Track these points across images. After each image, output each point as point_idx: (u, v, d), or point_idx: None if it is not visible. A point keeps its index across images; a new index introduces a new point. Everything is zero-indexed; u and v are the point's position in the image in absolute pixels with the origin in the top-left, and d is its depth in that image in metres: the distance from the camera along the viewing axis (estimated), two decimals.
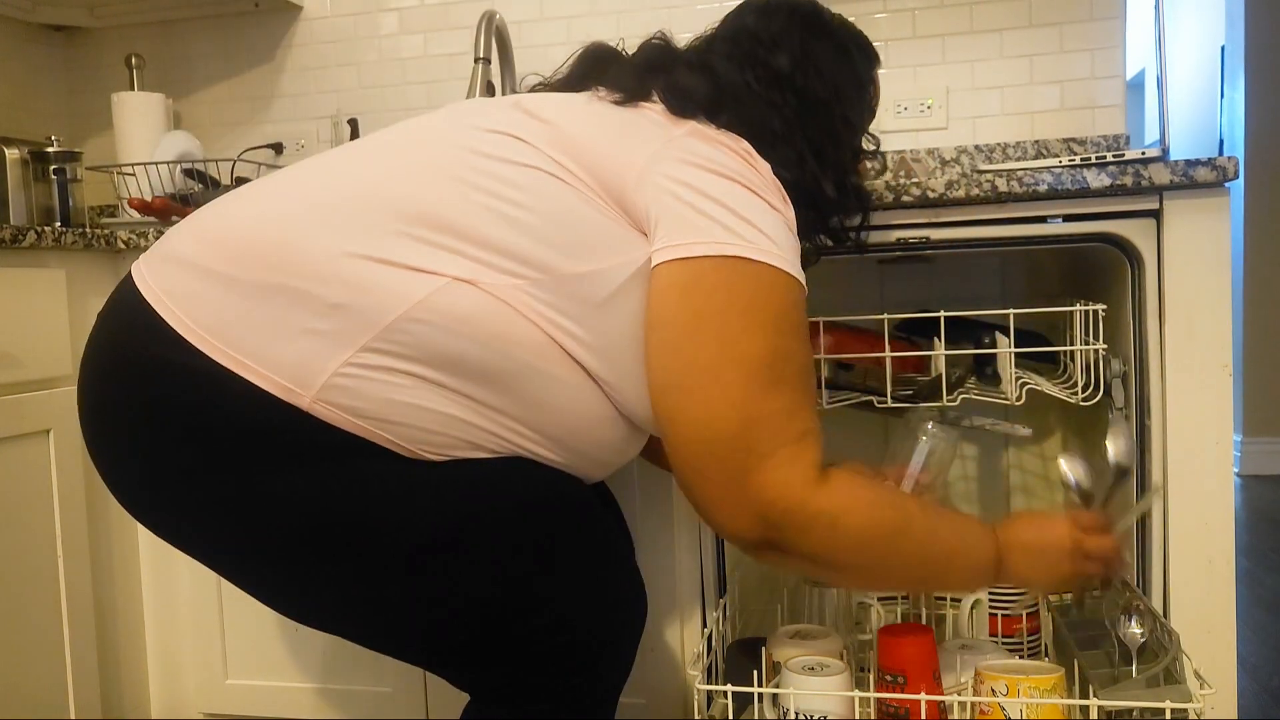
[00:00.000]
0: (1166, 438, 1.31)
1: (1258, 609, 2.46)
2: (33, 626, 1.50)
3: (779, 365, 0.92)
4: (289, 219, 0.92)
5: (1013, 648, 1.38)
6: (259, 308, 0.89)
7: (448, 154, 0.95)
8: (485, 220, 0.91)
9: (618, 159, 0.96)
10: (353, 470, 0.90)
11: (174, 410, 0.91)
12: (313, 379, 0.88)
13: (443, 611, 0.96)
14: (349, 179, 0.95)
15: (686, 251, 0.92)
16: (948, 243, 1.37)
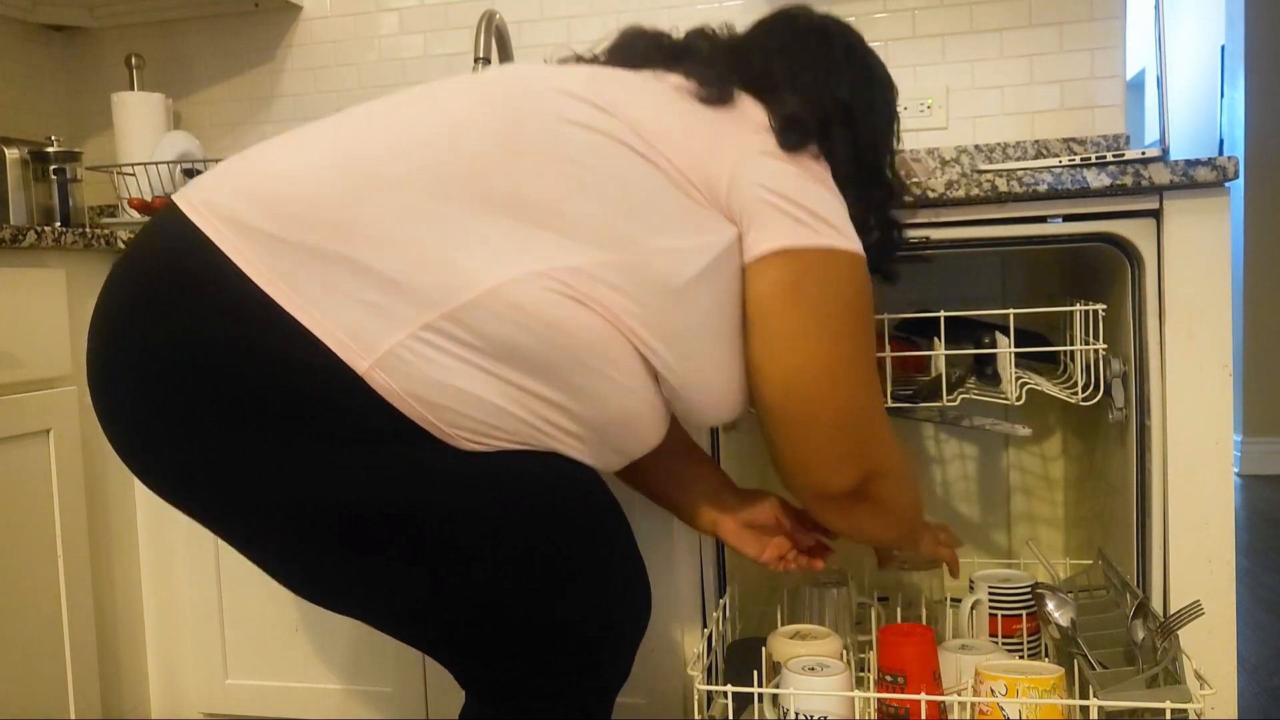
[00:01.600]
0: (1166, 438, 1.31)
1: (1258, 609, 2.46)
2: (33, 626, 1.50)
3: (873, 351, 1.06)
4: (349, 179, 0.88)
5: (1013, 648, 1.38)
6: (318, 268, 0.85)
7: (528, 117, 0.92)
8: (568, 192, 0.89)
9: (707, 154, 0.95)
10: (391, 455, 0.88)
11: (214, 346, 0.85)
12: (375, 344, 0.85)
13: (465, 602, 0.95)
14: (416, 140, 0.92)
15: (792, 242, 0.95)
16: (948, 243, 1.37)
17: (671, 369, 0.95)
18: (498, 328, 0.87)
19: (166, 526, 1.69)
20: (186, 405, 0.87)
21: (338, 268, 0.86)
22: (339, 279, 0.85)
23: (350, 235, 0.86)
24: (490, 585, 0.94)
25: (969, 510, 1.86)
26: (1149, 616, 1.20)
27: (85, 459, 1.60)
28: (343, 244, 0.86)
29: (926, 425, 1.86)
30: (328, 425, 0.87)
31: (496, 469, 0.92)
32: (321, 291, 0.85)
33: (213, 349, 0.86)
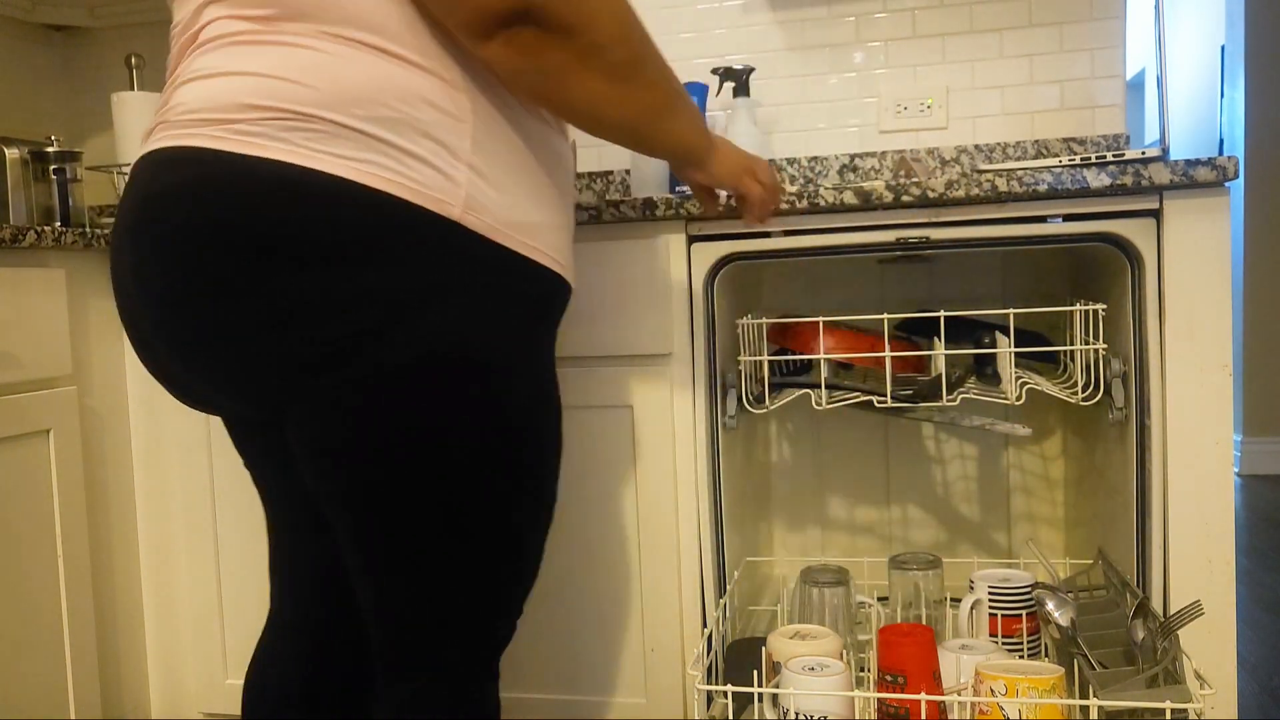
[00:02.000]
0: (1166, 438, 1.31)
1: (1258, 609, 2.46)
2: (33, 626, 1.50)
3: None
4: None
5: (1013, 648, 1.38)
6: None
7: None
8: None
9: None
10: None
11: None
12: (446, 189, 0.88)
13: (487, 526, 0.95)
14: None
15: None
16: (948, 243, 1.37)
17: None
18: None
19: (167, 526, 1.69)
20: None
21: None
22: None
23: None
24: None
25: (969, 510, 1.86)
26: (1149, 616, 1.20)
27: (85, 459, 1.60)
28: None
29: (926, 425, 1.86)
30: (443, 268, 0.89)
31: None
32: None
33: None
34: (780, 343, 1.51)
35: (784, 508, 1.93)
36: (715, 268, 1.44)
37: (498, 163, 0.92)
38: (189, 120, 0.90)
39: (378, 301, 0.86)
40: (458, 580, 0.96)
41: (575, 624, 1.53)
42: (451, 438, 0.91)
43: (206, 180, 0.87)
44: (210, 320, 0.88)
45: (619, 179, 2.07)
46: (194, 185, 0.87)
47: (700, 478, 1.46)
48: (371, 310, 0.86)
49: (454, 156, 0.89)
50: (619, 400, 1.48)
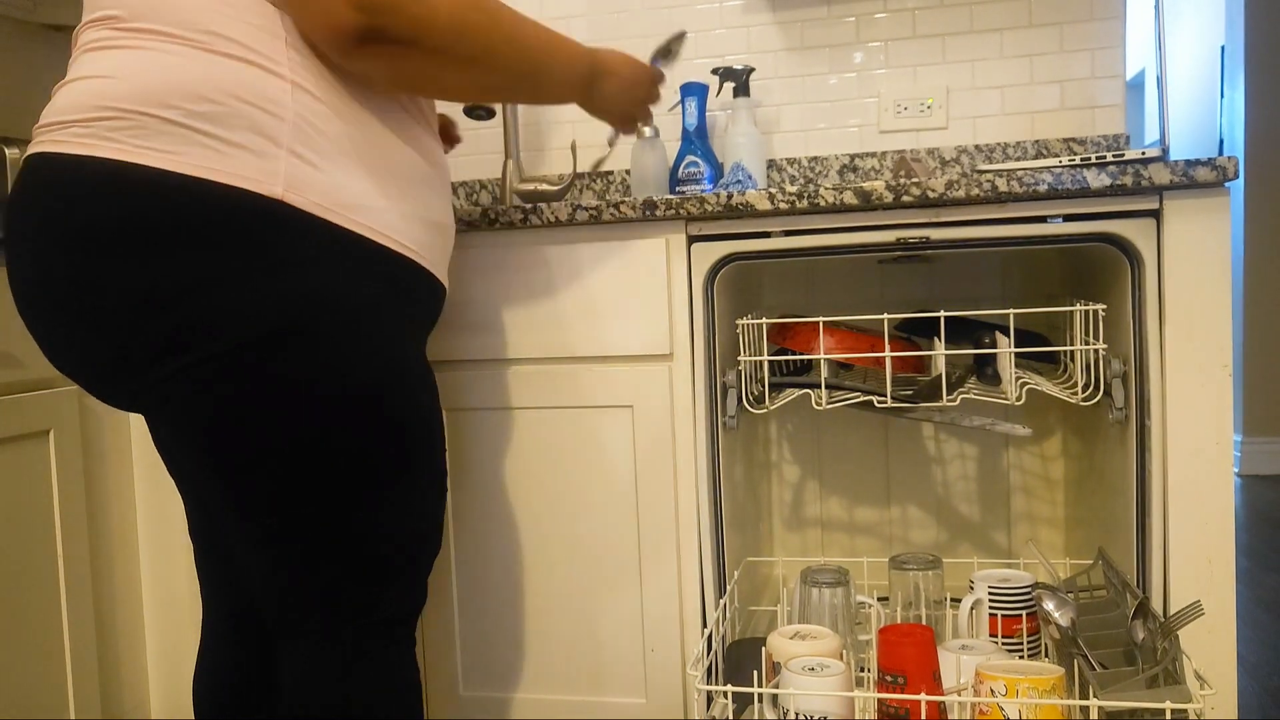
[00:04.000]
0: (1166, 438, 1.31)
1: (1258, 609, 2.46)
2: (33, 626, 1.50)
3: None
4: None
5: (1012, 648, 1.38)
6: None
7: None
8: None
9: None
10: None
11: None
12: (266, 174, 0.94)
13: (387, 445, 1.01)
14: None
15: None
16: (948, 243, 1.37)
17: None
18: None
19: (167, 526, 1.69)
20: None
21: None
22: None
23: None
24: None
25: (969, 510, 1.86)
26: (1149, 616, 1.20)
27: (85, 459, 1.60)
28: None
29: (926, 425, 1.86)
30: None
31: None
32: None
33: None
34: (780, 343, 1.51)
35: (784, 508, 1.93)
36: (715, 268, 1.44)
37: (325, 148, 0.97)
38: (46, 126, 0.98)
39: (207, 285, 0.91)
40: (326, 546, 1.00)
41: (575, 624, 1.53)
42: (296, 409, 0.95)
43: (46, 184, 0.95)
44: (61, 315, 0.95)
45: (619, 179, 2.07)
46: (37, 189, 0.95)
47: (700, 478, 1.47)
48: (202, 294, 0.91)
49: (274, 144, 0.94)
50: (619, 400, 1.48)
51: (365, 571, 1.01)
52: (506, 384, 1.51)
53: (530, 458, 1.52)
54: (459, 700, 1.55)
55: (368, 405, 0.99)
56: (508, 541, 1.54)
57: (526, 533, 1.53)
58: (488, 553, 1.55)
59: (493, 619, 1.55)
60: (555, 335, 1.49)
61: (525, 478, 1.52)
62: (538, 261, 1.48)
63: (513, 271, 1.49)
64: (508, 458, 1.53)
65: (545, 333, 1.49)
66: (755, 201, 1.38)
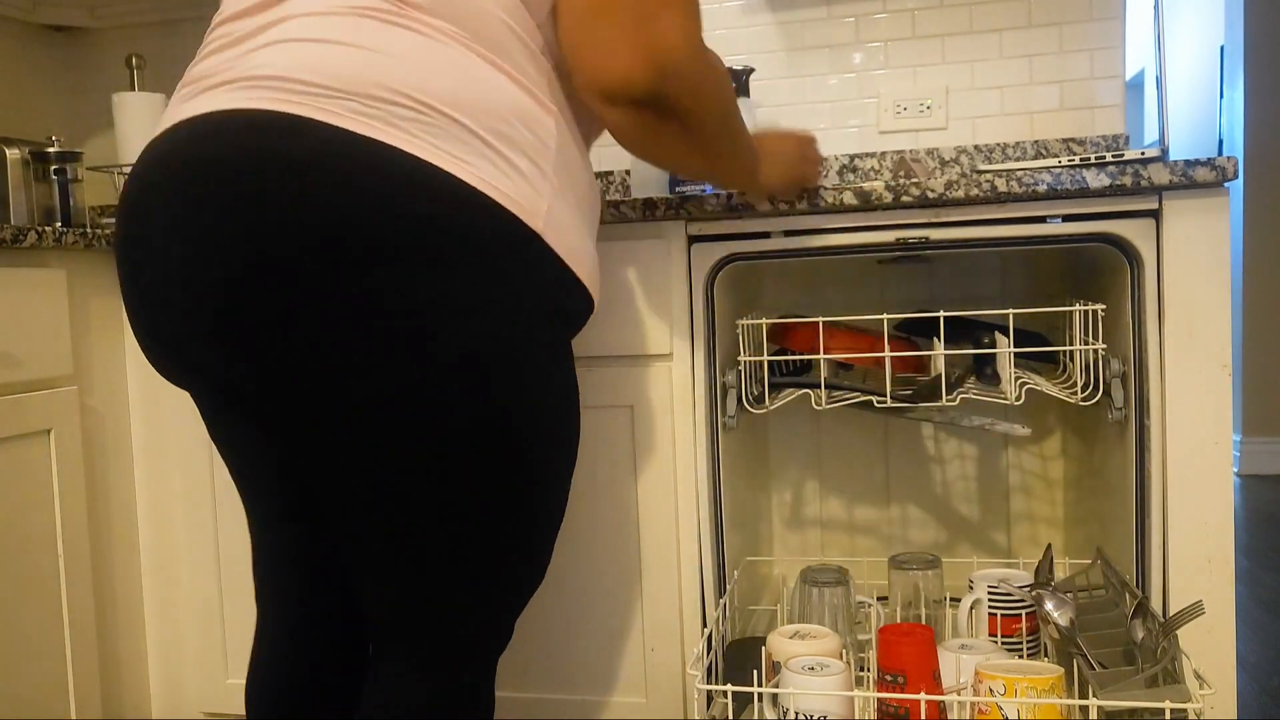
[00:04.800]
0: (1166, 438, 1.31)
1: (1258, 609, 2.46)
2: (33, 626, 1.50)
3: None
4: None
5: (1012, 648, 1.38)
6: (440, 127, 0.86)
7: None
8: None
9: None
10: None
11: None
12: (536, 205, 0.89)
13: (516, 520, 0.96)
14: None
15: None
16: (948, 243, 1.38)
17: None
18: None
19: (167, 526, 1.70)
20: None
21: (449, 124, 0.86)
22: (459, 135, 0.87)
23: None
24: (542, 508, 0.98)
25: (969, 510, 1.86)
26: (1148, 616, 1.20)
27: (85, 459, 1.60)
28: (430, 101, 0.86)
29: (926, 425, 1.86)
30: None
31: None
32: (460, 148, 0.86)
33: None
34: (780, 343, 1.52)
35: (784, 508, 1.93)
36: (715, 268, 1.44)
37: (568, 189, 0.94)
38: (281, 86, 0.85)
39: (442, 303, 0.84)
40: (472, 577, 0.96)
41: (575, 623, 1.53)
42: (486, 437, 0.90)
43: (314, 154, 0.82)
44: (281, 302, 0.82)
45: (619, 179, 2.07)
46: (302, 157, 0.82)
47: (700, 478, 1.47)
48: (430, 312, 0.84)
49: (542, 176, 0.91)
50: (619, 400, 1.48)
51: (500, 609, 0.99)
52: None
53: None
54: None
55: (546, 441, 0.95)
56: None
57: None
58: None
59: None
60: None
61: None
62: None
63: None
64: None
65: None
66: (755, 202, 1.38)
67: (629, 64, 0.92)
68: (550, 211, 0.91)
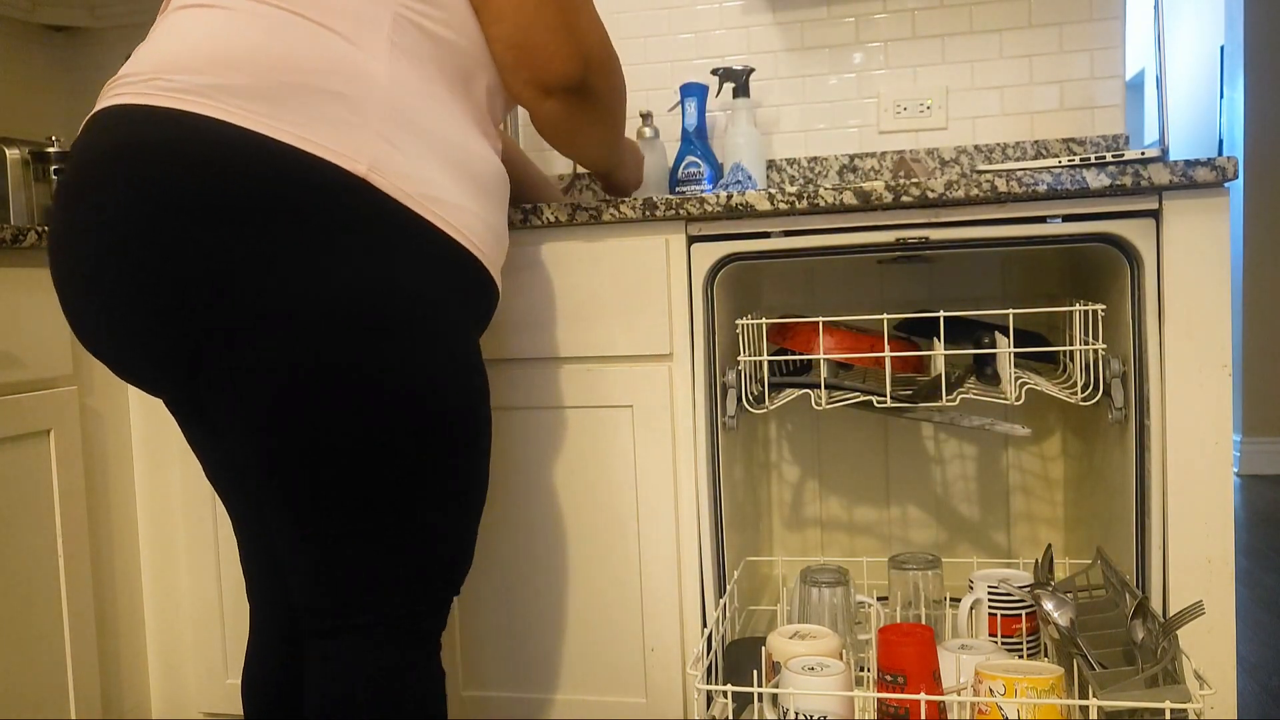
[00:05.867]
0: (1166, 438, 1.31)
1: (1258, 609, 2.46)
2: (33, 626, 1.50)
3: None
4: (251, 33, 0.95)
5: (1012, 648, 1.38)
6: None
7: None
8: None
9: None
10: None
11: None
12: (357, 151, 0.95)
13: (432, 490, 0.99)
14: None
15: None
16: (948, 243, 1.38)
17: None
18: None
19: (167, 526, 1.70)
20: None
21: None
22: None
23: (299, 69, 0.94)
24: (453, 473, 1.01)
25: (969, 510, 1.86)
26: (1148, 616, 1.20)
27: (85, 459, 1.60)
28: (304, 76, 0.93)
29: (926, 425, 1.86)
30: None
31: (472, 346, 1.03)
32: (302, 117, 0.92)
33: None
34: (780, 343, 1.52)
35: (784, 508, 1.93)
36: (715, 268, 1.44)
37: (409, 138, 0.97)
38: (131, 80, 0.95)
39: (290, 261, 0.89)
40: (381, 547, 0.97)
41: (575, 623, 1.53)
42: (362, 401, 0.93)
43: (138, 137, 0.91)
44: (136, 280, 0.90)
45: None
46: (130, 142, 0.91)
47: (700, 478, 1.47)
48: (284, 269, 0.89)
49: (364, 121, 0.94)
50: (619, 400, 1.48)
51: (417, 576, 0.99)
52: (506, 384, 1.51)
53: (530, 458, 1.52)
54: (459, 700, 1.55)
55: (433, 402, 0.96)
56: (507, 541, 1.54)
57: (526, 532, 1.53)
58: (487, 552, 1.55)
59: (492, 619, 1.55)
60: (555, 335, 1.49)
61: (524, 478, 1.53)
62: (537, 262, 1.48)
63: (513, 272, 1.49)
64: (507, 458, 1.53)
65: (545, 333, 1.49)
66: (755, 202, 1.38)
67: (567, 63, 1.09)
68: (380, 157, 0.94)
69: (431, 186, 0.97)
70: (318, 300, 0.90)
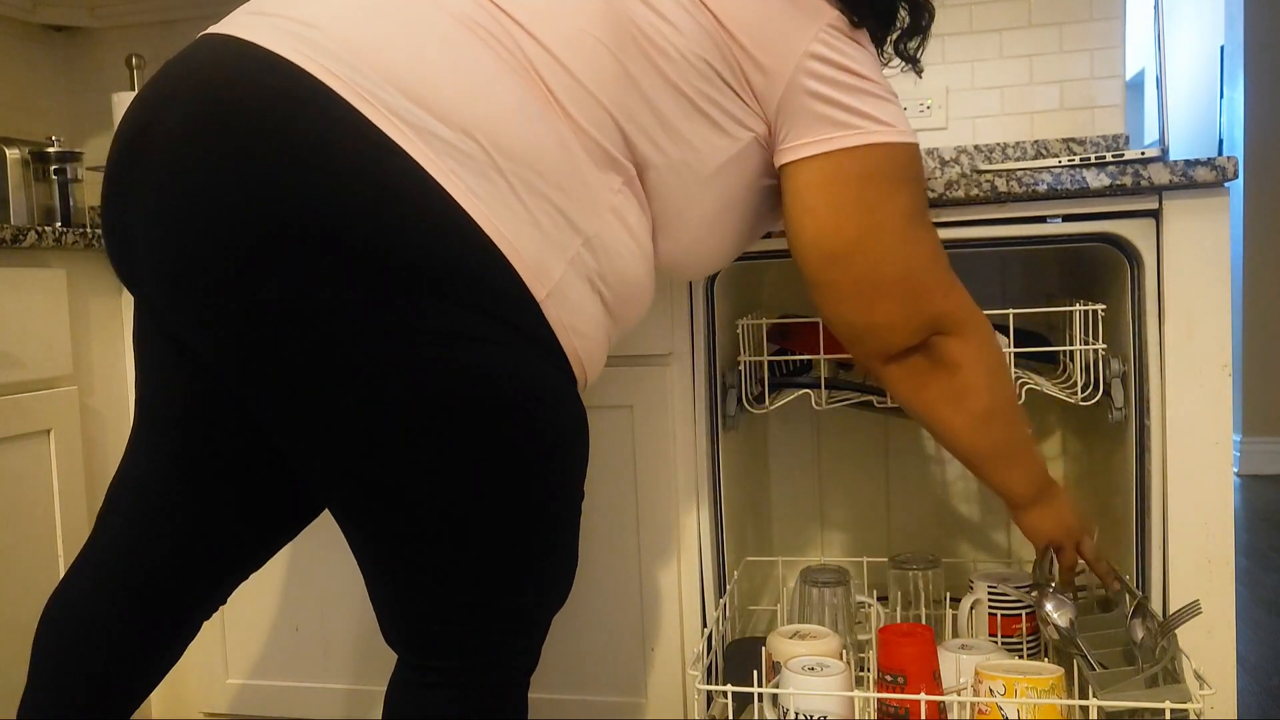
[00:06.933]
0: (1166, 438, 1.31)
1: (1258, 609, 2.46)
2: (33, 626, 1.50)
3: (925, 210, 1.06)
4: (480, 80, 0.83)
5: (1012, 648, 1.38)
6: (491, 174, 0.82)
7: (601, 10, 0.88)
8: (670, 99, 0.91)
9: (769, 33, 0.93)
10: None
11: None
12: (548, 271, 0.85)
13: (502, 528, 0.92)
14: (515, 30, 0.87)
15: (825, 147, 0.98)
16: (947, 243, 1.37)
17: (674, 250, 1.01)
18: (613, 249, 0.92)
19: None
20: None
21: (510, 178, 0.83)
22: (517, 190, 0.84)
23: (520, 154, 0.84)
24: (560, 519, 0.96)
25: (969, 510, 1.86)
26: (1148, 616, 1.20)
27: (85, 459, 1.60)
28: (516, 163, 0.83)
29: None
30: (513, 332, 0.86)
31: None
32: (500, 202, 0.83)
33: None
34: (780, 343, 1.52)
35: (784, 508, 1.93)
36: None
37: (597, 273, 0.91)
38: (325, 45, 0.81)
39: (456, 332, 0.82)
40: (502, 588, 0.94)
41: (575, 623, 1.53)
42: (508, 455, 0.88)
43: (322, 136, 0.78)
44: (277, 287, 0.79)
45: None
46: (306, 134, 0.78)
47: (700, 477, 1.47)
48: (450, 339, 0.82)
49: (565, 244, 0.87)
50: (619, 400, 1.48)
51: (528, 618, 0.97)
52: None
53: None
54: None
55: (561, 464, 0.94)
56: None
57: None
58: None
59: None
60: None
61: None
62: None
63: None
64: None
65: None
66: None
67: (901, 331, 1.04)
68: (562, 282, 0.86)
69: (585, 321, 0.91)
70: (461, 373, 0.83)
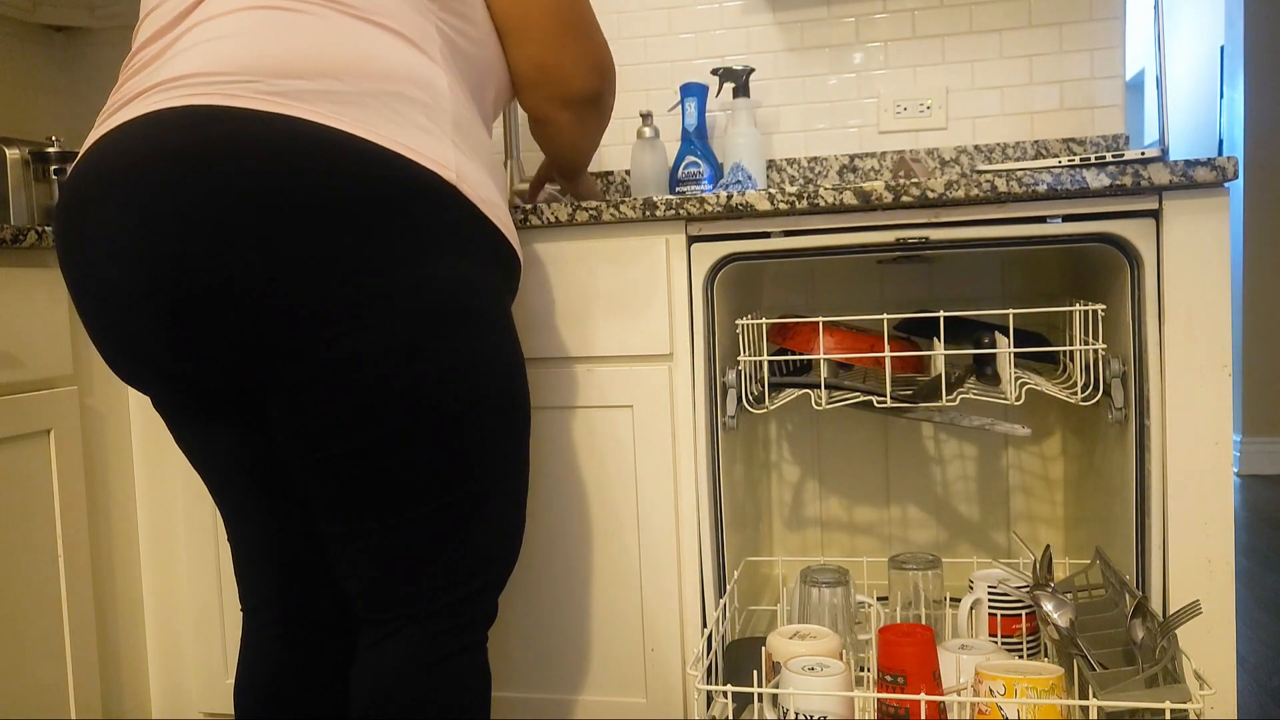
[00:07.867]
0: (1166, 438, 1.31)
1: (1257, 609, 2.46)
2: (33, 626, 1.50)
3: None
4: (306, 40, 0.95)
5: (1012, 648, 1.38)
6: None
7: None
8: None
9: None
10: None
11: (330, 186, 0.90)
12: (445, 158, 0.97)
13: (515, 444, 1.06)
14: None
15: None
16: (948, 243, 1.38)
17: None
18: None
19: (167, 526, 1.69)
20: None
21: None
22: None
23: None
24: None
25: (969, 510, 1.86)
26: (1148, 616, 1.20)
27: (85, 459, 1.60)
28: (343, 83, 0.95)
29: (926, 425, 1.86)
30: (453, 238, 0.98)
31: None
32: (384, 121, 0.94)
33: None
34: (780, 343, 1.52)
35: (784, 508, 1.93)
36: (715, 268, 1.44)
37: (469, 149, 1.02)
38: (197, 82, 0.92)
39: (387, 262, 0.91)
40: (444, 540, 1.00)
41: (575, 624, 1.53)
42: (459, 376, 0.97)
43: (219, 139, 0.88)
44: (226, 276, 0.88)
45: (619, 179, 2.07)
46: (222, 142, 0.89)
47: (700, 477, 1.47)
48: (379, 270, 0.91)
49: (442, 133, 0.98)
50: (619, 400, 1.48)
51: (476, 568, 1.03)
52: None
53: (530, 457, 1.52)
54: None
55: (510, 386, 1.03)
56: None
57: (526, 532, 1.53)
58: None
59: None
60: (555, 335, 1.49)
61: None
62: (537, 262, 1.48)
63: None
64: None
65: (545, 333, 1.49)
66: (755, 202, 1.38)
67: (589, 75, 1.20)
68: (460, 165, 0.98)
69: (486, 190, 1.02)
70: (420, 293, 0.93)
